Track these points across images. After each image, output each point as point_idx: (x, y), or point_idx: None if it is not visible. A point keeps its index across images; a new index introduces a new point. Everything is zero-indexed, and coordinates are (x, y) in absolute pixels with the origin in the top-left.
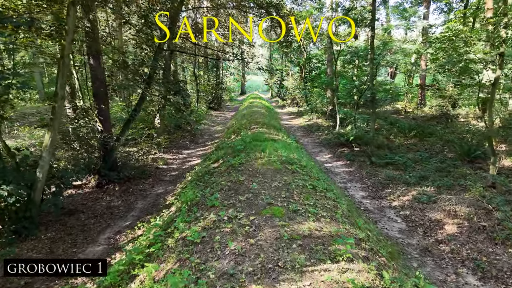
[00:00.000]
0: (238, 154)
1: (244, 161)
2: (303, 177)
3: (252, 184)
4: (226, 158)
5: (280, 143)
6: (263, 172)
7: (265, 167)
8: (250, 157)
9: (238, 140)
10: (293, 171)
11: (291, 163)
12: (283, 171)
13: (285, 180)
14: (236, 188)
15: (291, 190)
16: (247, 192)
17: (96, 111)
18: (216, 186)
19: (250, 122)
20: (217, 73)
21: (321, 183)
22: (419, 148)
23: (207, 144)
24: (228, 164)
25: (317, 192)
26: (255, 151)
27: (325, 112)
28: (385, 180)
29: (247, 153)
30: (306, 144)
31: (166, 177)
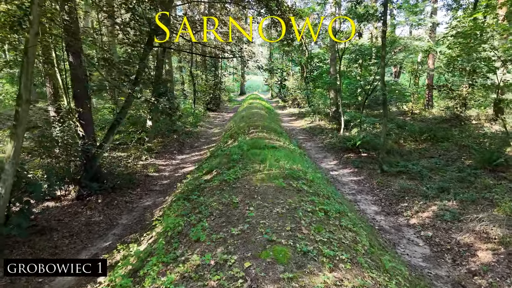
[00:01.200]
0: (234, 165)
1: (240, 175)
2: (311, 197)
3: (248, 210)
4: (220, 170)
5: (282, 151)
6: (262, 192)
7: (265, 184)
8: (247, 169)
9: (235, 147)
10: (298, 190)
11: (296, 177)
12: (286, 189)
13: (290, 203)
14: (228, 214)
15: (297, 219)
16: (242, 221)
17: (76, 114)
18: (205, 209)
19: (249, 126)
20: (216, 73)
21: (333, 205)
22: (432, 154)
23: (203, 148)
24: (221, 178)
25: (330, 220)
26: (253, 162)
27: (328, 113)
28: (399, 192)
29: (244, 163)
30: (309, 148)
31: (156, 186)
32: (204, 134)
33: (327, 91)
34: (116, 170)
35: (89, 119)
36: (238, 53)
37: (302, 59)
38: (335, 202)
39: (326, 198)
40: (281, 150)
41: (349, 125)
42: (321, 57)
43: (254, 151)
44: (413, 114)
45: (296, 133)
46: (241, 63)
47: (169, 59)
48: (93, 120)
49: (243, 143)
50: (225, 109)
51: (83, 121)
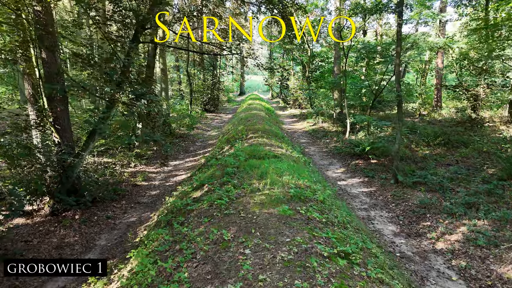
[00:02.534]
0: (229, 181)
1: (234, 196)
2: (326, 230)
3: (243, 255)
4: (212, 185)
5: (284, 162)
6: (262, 223)
7: (265, 211)
8: (243, 187)
9: (231, 156)
10: (308, 219)
11: (303, 199)
12: (293, 219)
13: (299, 242)
14: (216, 260)
15: (310, 271)
16: (233, 275)
17: (51, 118)
18: (187, 246)
19: (248, 129)
20: (214, 73)
21: (353, 239)
22: (449, 161)
23: (198, 153)
24: (212, 199)
25: (354, 269)
26: (251, 177)
27: (331, 115)
28: (418, 208)
29: (241, 179)
30: (312, 154)
31: (143, 198)
32: (200, 137)
33: (331, 92)
34: (100, 180)
35: (66, 123)
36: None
37: (304, 58)
38: (353, 233)
39: (342, 227)
40: (284, 160)
41: (355, 127)
42: (324, 55)
43: (252, 162)
44: (421, 116)
45: (298, 136)
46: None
47: (163, 57)
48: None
49: (240, 151)
50: (224, 110)
51: (59, 126)
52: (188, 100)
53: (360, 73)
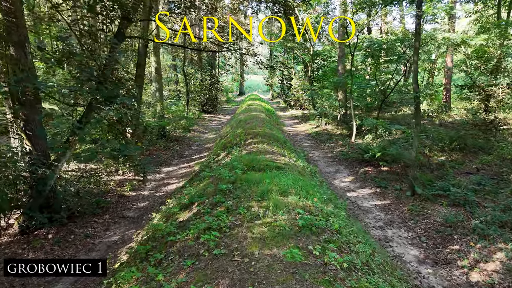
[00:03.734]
0: (222, 201)
1: (228, 227)
2: (349, 283)
3: None
4: (202, 205)
5: (289, 176)
6: (263, 274)
7: (267, 254)
8: (240, 211)
9: (226, 168)
10: (324, 264)
11: (315, 231)
12: (304, 266)
13: None
14: None
15: None
16: None
17: (21, 123)
18: None
19: (247, 133)
20: (212, 72)
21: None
22: (468, 169)
23: (194, 158)
24: (199, 229)
25: None
26: (249, 197)
27: (335, 116)
28: (443, 226)
29: (237, 199)
30: (317, 159)
31: (130, 211)
32: (197, 140)
33: (336, 92)
34: (81, 191)
35: (38, 129)
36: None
37: (306, 56)
38: (382, 278)
39: (368, 270)
40: (288, 172)
41: (361, 130)
42: (327, 54)
43: (251, 176)
44: (430, 117)
45: (301, 139)
46: (239, 61)
47: (157, 55)
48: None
49: (238, 161)
50: (223, 111)
51: (30, 131)
52: (185, 100)
53: (365, 72)
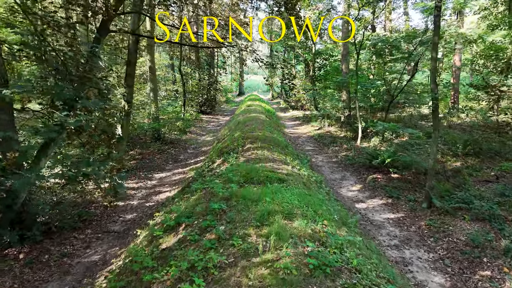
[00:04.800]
0: (213, 225)
1: (216, 270)
2: None
3: None
4: (190, 229)
5: (294, 190)
6: None
7: None
8: (234, 242)
9: (222, 179)
10: None
11: (330, 274)
12: None
13: None
14: None
15: None
16: None
17: None
18: None
19: (245, 137)
20: (210, 72)
21: None
22: (486, 176)
23: (189, 162)
24: (181, 269)
25: None
26: (246, 220)
27: (339, 118)
28: (468, 246)
29: (231, 223)
30: (321, 165)
31: (115, 224)
32: (193, 143)
33: (340, 92)
34: (62, 203)
35: (8, 133)
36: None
37: (308, 55)
38: None
39: None
40: (292, 185)
41: (367, 132)
42: (329, 53)
43: (248, 192)
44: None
45: (303, 142)
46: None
47: (151, 53)
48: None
49: (234, 172)
50: (222, 112)
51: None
52: (182, 101)
53: (369, 72)
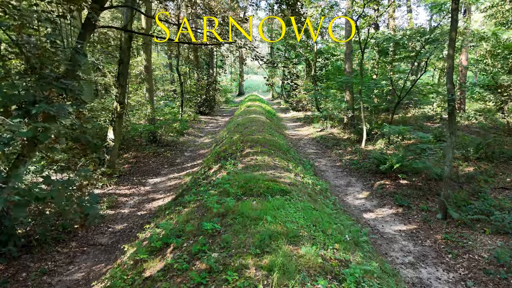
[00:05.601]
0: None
1: None
2: None
3: None
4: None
5: (298, 204)
6: None
7: None
8: (228, 279)
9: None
10: None
11: None
12: None
13: None
14: None
15: None
16: None
17: None
18: None
19: (244, 140)
20: (209, 71)
21: None
22: (502, 183)
23: (186, 166)
24: None
25: None
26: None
27: (341, 119)
28: (491, 265)
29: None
30: (324, 169)
31: (103, 236)
32: (191, 145)
33: (342, 92)
34: (45, 214)
35: None
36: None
37: (309, 55)
38: None
39: None
40: (296, 198)
41: (371, 135)
42: (331, 52)
43: (247, 207)
44: (442, 120)
45: (305, 144)
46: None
47: (146, 52)
48: None
49: (231, 182)
50: (221, 112)
51: None
52: (179, 101)
53: (372, 72)
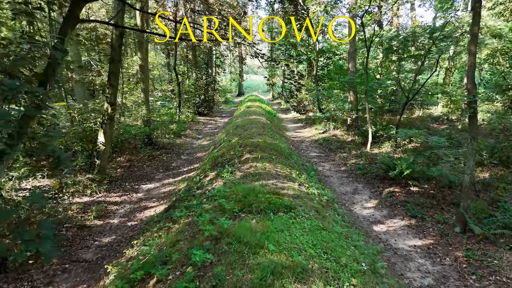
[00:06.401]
0: None
1: None
2: None
3: None
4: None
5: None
6: None
7: None
8: None
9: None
10: None
11: None
12: None
13: None
14: None
15: None
16: None
17: None
18: None
19: (244, 144)
20: (208, 71)
21: None
22: None
23: (182, 171)
24: None
25: None
26: (240, 285)
27: (345, 120)
28: None
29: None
30: (328, 175)
31: (88, 250)
32: (188, 148)
33: (346, 93)
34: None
35: None
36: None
37: (311, 53)
38: None
39: None
40: (301, 215)
41: (377, 137)
42: (334, 51)
43: (245, 228)
44: (450, 121)
45: (307, 147)
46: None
47: (141, 51)
48: None
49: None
50: (220, 113)
51: None
52: (177, 102)
53: (375, 71)
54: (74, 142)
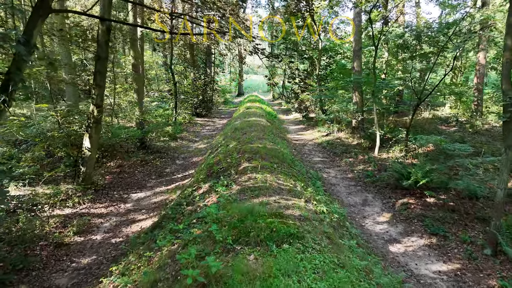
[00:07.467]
0: None
1: None
2: None
3: None
4: None
5: (316, 258)
6: None
7: None
8: None
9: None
10: None
11: None
12: None
13: None
14: None
15: None
16: None
17: None
18: None
19: (242, 150)
20: (207, 71)
21: None
22: None
23: (176, 177)
24: None
25: None
26: None
27: (350, 122)
28: None
29: None
30: (334, 182)
31: (64, 274)
32: (184, 151)
33: (352, 92)
34: None
35: None
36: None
37: (313, 52)
38: None
39: None
40: (313, 251)
41: (385, 140)
42: (337, 49)
43: (240, 268)
44: (460, 123)
45: (310, 151)
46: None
47: (134, 49)
48: None
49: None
50: (219, 114)
51: None
52: (173, 103)
53: (380, 71)
54: (57, 147)
